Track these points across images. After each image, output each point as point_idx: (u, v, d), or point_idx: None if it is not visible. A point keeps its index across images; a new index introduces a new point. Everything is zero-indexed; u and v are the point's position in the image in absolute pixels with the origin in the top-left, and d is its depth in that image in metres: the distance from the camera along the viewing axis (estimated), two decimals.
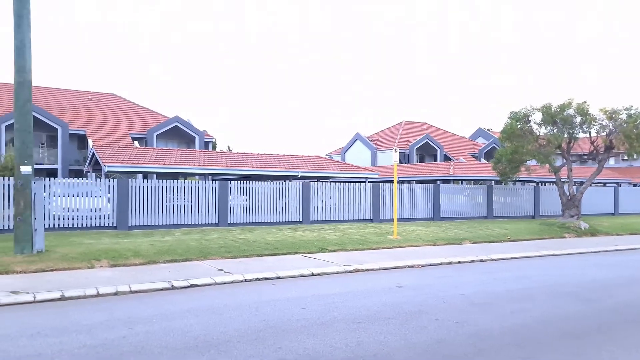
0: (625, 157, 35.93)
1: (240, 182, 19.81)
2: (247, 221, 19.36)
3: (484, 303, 7.59)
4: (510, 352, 5.32)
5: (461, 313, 6.92)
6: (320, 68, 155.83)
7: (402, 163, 46.18)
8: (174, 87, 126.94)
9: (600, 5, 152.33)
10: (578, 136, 22.24)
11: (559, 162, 24.17)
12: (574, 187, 23.11)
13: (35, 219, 10.83)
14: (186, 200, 18.45)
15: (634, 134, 20.35)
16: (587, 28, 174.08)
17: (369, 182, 24.81)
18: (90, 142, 32.83)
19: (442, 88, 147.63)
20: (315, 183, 22.16)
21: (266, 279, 9.48)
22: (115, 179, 17.29)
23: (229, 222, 18.92)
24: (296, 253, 12.48)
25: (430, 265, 11.58)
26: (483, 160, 49.31)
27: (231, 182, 19.56)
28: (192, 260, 11.05)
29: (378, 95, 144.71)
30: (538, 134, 22.59)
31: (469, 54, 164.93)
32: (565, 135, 21.91)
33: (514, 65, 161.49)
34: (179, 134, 37.10)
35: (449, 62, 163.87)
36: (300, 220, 20.39)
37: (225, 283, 9.07)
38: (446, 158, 49.56)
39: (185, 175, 28.32)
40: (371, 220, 21.91)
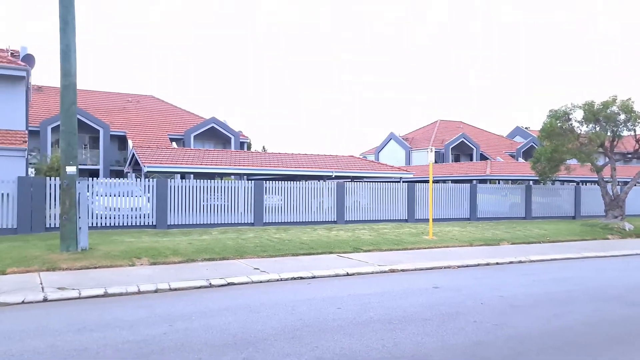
0: None
1: (275, 182, 19.99)
2: (282, 221, 19.50)
3: (524, 305, 7.44)
4: (551, 355, 5.20)
5: (500, 315, 6.80)
6: (353, 68, 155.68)
7: (438, 162, 45.65)
8: (210, 87, 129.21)
9: None
10: (622, 134, 21.59)
11: (601, 161, 23.44)
12: (618, 187, 22.36)
13: (79, 217, 11.17)
14: (222, 200, 18.75)
15: None
16: (631, 23, 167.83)
17: (403, 181, 24.68)
18: (130, 143, 33.77)
19: (479, 87, 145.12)
20: (350, 183, 22.16)
21: (301, 278, 9.55)
22: (154, 179, 17.71)
23: (264, 221, 19.10)
24: (331, 253, 12.52)
25: (467, 266, 11.42)
26: (521, 160, 48.25)
27: (266, 182, 19.75)
28: (228, 259, 11.22)
29: (411, 96, 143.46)
30: (579, 132, 22.05)
31: (507, 52, 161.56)
32: (609, 134, 21.33)
33: (555, 63, 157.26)
34: (215, 134, 37.74)
35: (489, 61, 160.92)
36: (335, 220, 20.42)
37: (261, 282, 9.18)
38: (482, 157, 48.70)
39: (221, 176, 28.77)
40: (406, 221, 21.74)
